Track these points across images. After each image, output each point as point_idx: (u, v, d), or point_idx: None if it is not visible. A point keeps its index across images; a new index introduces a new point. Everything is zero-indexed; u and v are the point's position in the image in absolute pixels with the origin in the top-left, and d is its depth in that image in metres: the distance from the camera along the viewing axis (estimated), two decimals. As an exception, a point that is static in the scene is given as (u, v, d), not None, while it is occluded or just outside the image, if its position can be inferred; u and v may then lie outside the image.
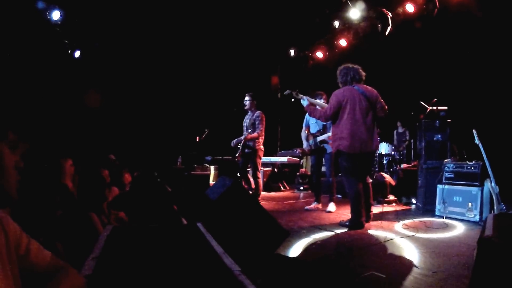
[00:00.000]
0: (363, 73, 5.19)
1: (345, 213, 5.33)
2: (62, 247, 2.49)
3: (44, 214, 2.91)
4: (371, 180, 5.68)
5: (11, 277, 1.13)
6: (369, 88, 5.12)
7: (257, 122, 6.86)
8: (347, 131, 4.91)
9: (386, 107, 5.11)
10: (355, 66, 5.20)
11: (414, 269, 3.19)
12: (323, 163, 6.58)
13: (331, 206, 6.24)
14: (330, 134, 5.80)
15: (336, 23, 9.93)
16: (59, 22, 8.09)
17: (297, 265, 3.56)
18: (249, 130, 6.90)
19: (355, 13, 9.18)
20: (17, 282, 1.16)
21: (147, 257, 2.03)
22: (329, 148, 6.13)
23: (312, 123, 6.55)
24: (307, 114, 6.34)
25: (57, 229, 2.83)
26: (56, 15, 7.94)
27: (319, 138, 6.32)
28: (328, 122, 5.90)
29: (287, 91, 5.62)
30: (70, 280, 1.32)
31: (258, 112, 6.96)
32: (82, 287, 1.38)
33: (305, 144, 6.59)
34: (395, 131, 9.48)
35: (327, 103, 5.41)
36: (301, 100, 5.58)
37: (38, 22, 7.74)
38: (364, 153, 4.98)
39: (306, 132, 6.61)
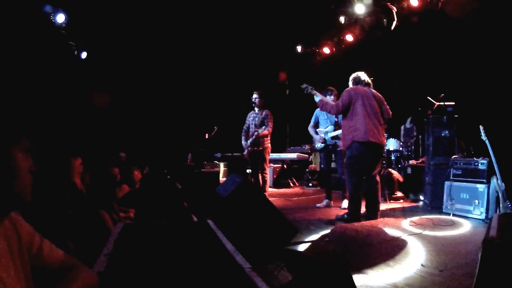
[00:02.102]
0: (370, 80, 5.49)
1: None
2: (73, 245, 2.55)
3: (55, 213, 2.97)
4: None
5: (23, 278, 1.17)
6: (377, 92, 5.39)
7: (266, 121, 6.93)
8: (362, 121, 5.05)
9: (390, 112, 5.40)
10: (365, 74, 5.50)
11: (421, 267, 3.22)
12: (333, 159, 6.57)
13: (345, 203, 6.27)
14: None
15: (342, 19, 9.89)
16: (63, 25, 8.18)
17: (304, 261, 3.60)
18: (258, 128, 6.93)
19: (360, 8, 9.13)
20: (30, 283, 1.21)
21: (158, 254, 2.07)
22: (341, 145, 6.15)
23: (323, 119, 6.55)
24: (317, 109, 6.51)
25: (68, 228, 2.90)
26: (60, 18, 8.03)
27: (332, 134, 6.31)
28: (340, 119, 5.95)
29: (305, 85, 5.79)
30: (83, 277, 1.35)
31: (266, 110, 7.02)
32: (95, 284, 1.41)
33: (317, 137, 6.58)
34: (402, 126, 9.37)
35: (337, 99, 5.71)
36: (314, 96, 5.75)
37: (43, 26, 7.82)
38: (377, 143, 5.10)
39: (314, 127, 6.65)
